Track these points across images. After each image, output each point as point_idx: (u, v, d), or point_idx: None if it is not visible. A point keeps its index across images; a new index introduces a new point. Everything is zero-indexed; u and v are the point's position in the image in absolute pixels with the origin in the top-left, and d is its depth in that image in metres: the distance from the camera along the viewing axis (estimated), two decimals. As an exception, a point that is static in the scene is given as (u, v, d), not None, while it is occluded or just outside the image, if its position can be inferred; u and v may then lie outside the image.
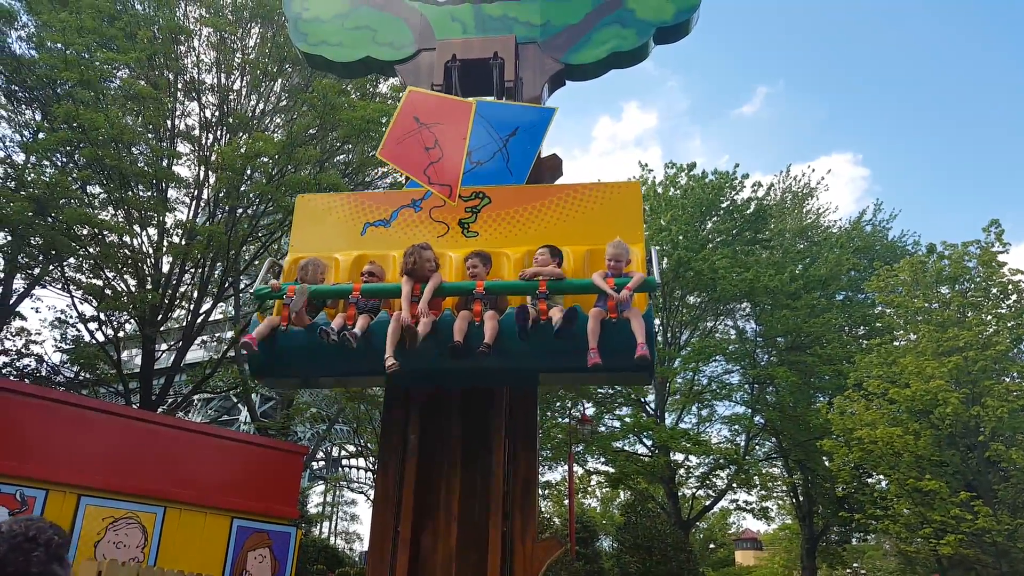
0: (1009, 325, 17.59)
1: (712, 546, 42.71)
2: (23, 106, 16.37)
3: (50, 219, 14.57)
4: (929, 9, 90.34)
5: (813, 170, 46.60)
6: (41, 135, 15.52)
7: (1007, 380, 17.50)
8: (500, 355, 4.35)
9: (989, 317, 18.13)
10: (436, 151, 5.76)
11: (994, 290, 18.27)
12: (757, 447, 27.43)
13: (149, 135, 16.48)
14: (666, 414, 25.27)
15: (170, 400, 17.34)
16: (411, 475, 4.86)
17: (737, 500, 28.29)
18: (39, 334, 19.20)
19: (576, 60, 6.46)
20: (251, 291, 4.94)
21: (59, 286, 16.50)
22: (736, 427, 26.28)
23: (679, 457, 23.84)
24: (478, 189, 5.43)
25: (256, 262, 18.75)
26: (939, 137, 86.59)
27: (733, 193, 25.21)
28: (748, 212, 25.20)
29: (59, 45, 14.99)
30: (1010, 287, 18.04)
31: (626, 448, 24.07)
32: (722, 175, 24.98)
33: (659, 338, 24.80)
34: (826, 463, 23.06)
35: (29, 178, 14.87)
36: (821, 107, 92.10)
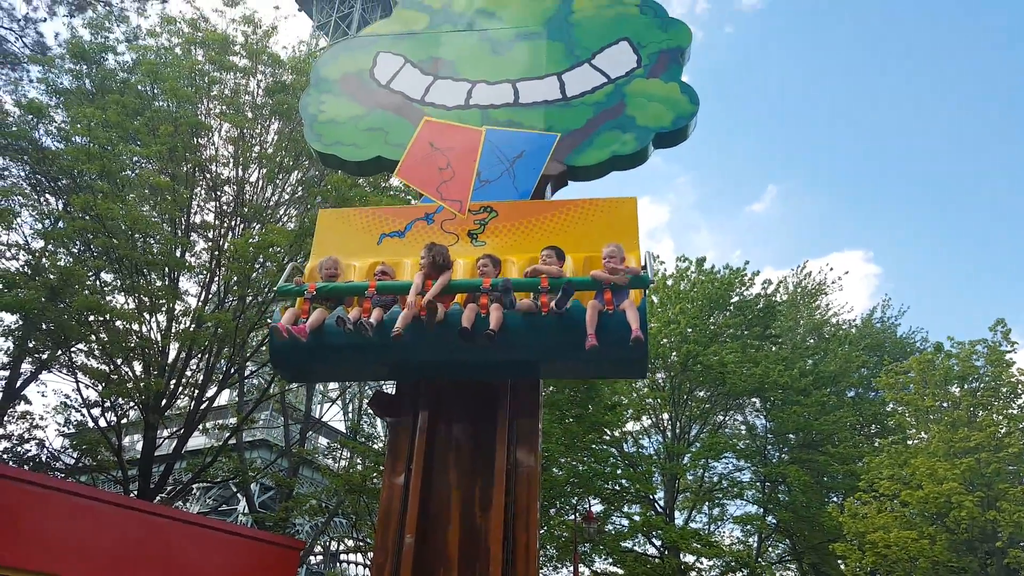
0: (1021, 426, 17.35)
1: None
2: (46, 195, 16.95)
3: (62, 305, 14.82)
4: (946, 103, 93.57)
5: (831, 268, 47.10)
6: (61, 224, 16.00)
7: (1023, 482, 17.07)
8: (504, 344, 4.72)
9: (1000, 417, 17.92)
10: (448, 171, 6.38)
11: (1003, 389, 18.14)
12: (770, 548, 26.48)
13: (164, 226, 16.94)
14: (676, 512, 24.57)
15: (169, 488, 17.06)
16: (417, 474, 5.12)
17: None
18: (42, 419, 19.15)
19: (578, 162, 6.73)
20: (275, 288, 5.77)
21: (65, 371, 16.57)
22: (748, 527, 25.45)
23: (690, 559, 22.99)
24: (486, 204, 6.00)
25: (263, 348, 18.85)
26: (951, 236, 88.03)
27: (743, 289, 25.40)
28: (758, 308, 25.31)
29: (84, 139, 15.67)
30: (1019, 387, 17.92)
31: (634, 548, 23.26)
32: (733, 271, 25.24)
33: (668, 433, 24.47)
34: (841, 567, 22.19)
35: (45, 264, 15.22)
36: (832, 205, 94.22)
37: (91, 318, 15.28)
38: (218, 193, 17.72)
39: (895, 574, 18.04)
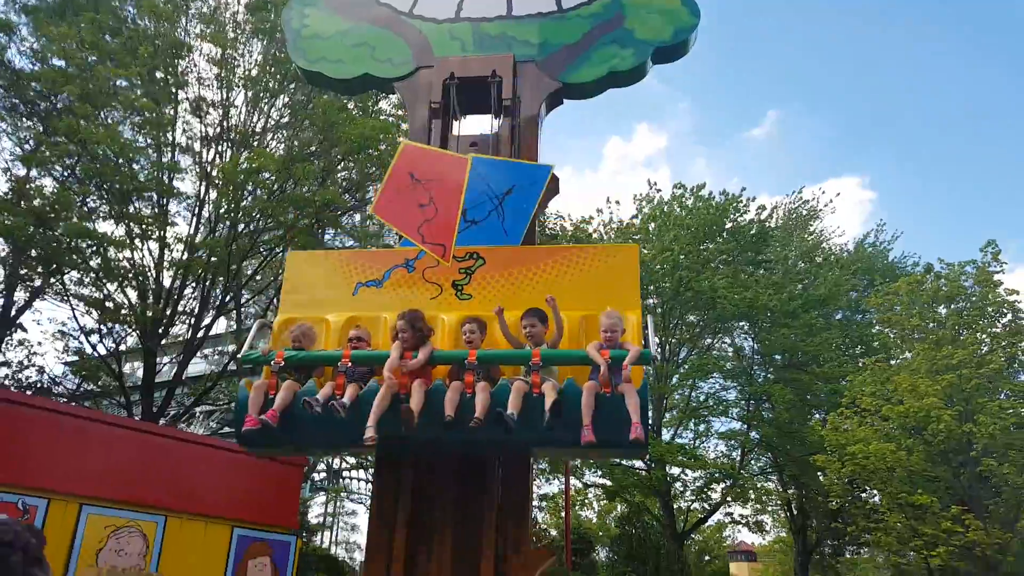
0: (1003, 344, 17.77)
1: (707, 558, 42.61)
2: (23, 119, 16.55)
3: (51, 232, 14.72)
4: (947, 32, 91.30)
5: (823, 192, 46.98)
6: (42, 148, 15.70)
7: (1000, 398, 17.65)
8: (492, 429, 4.27)
9: (984, 336, 18.32)
10: (431, 208, 5.69)
11: (989, 309, 18.46)
12: (752, 462, 27.52)
13: (150, 150, 16.66)
14: (663, 429, 25.33)
15: (171, 412, 17.41)
16: (401, 539, 4.79)
17: (732, 513, 28.35)
18: (40, 345, 19.29)
19: (574, 79, 6.57)
20: (239, 355, 4.86)
21: (60, 298, 16.62)
22: (732, 442, 26.39)
23: (675, 471, 23.88)
24: (472, 249, 5.37)
25: (258, 277, 18.89)
26: (947, 161, 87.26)
27: (737, 215, 25.41)
28: (751, 234, 25.38)
29: (59, 60, 15.18)
30: (1005, 307, 18.22)
31: (622, 462, 24.10)
32: (729, 198, 25.19)
33: (657, 355, 24.90)
34: (820, 478, 23.15)
35: (31, 192, 15.02)
36: (830, 131, 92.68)
37: (83, 245, 15.21)
38: (203, 115, 17.35)
39: (872, 483, 18.87)
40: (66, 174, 16.05)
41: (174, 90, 16.52)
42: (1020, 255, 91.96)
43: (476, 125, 7.31)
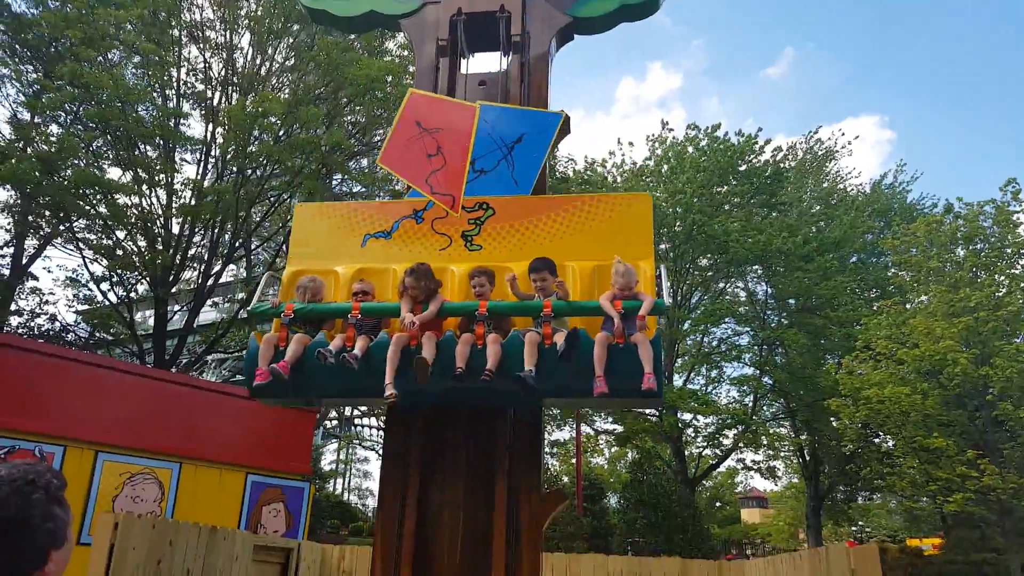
0: (1022, 286, 17.45)
1: (718, 504, 43.29)
2: (26, 64, 16.27)
3: (58, 179, 14.60)
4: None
5: (843, 133, 45.81)
6: (47, 94, 15.45)
7: (1017, 341, 17.44)
8: (503, 380, 4.21)
9: (1002, 278, 17.98)
10: (438, 158, 5.57)
11: (1008, 250, 18.08)
12: (765, 408, 27.57)
13: (155, 94, 16.37)
14: (675, 375, 25.37)
15: (183, 360, 17.56)
16: (411, 520, 4.74)
17: (744, 459, 28.57)
18: (52, 294, 19.36)
19: (584, 13, 6.30)
20: (248, 308, 4.73)
21: (70, 246, 16.60)
22: (744, 388, 26.38)
23: (687, 417, 24.00)
24: (482, 200, 5.25)
25: (267, 223, 18.77)
26: (969, 100, 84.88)
27: (752, 157, 24.84)
28: (766, 176, 24.86)
29: (59, 2, 14.81)
30: None
31: (633, 408, 24.25)
32: (744, 139, 24.58)
33: (669, 300, 24.66)
34: (833, 423, 23.18)
35: (35, 137, 14.84)
36: (848, 69, 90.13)
37: (89, 192, 15.10)
38: (207, 59, 16.99)
39: (886, 427, 18.84)
40: (71, 119, 15.83)
41: (177, 32, 16.11)
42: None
43: (485, 63, 7.04)
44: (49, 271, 47.85)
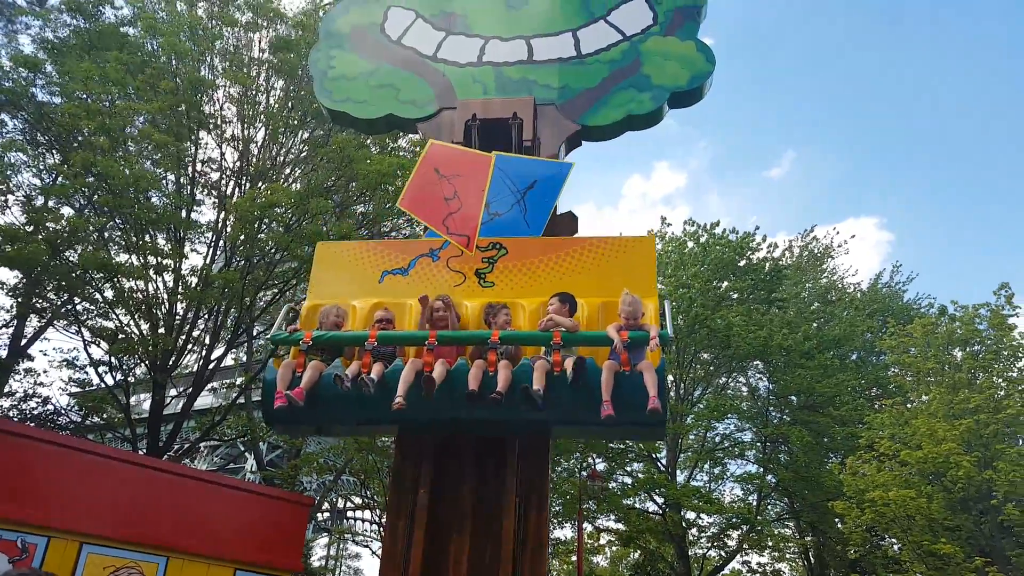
0: (1020, 389, 17.50)
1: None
2: (44, 151, 16.78)
3: (65, 261, 14.79)
4: (966, 73, 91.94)
5: (838, 232, 46.89)
6: (61, 179, 15.87)
7: (1019, 444, 17.30)
8: (513, 405, 4.39)
9: (1000, 380, 18.06)
10: (455, 202, 5.91)
11: (1004, 353, 18.25)
12: (769, 507, 26.94)
13: (168, 184, 16.81)
14: (677, 471, 24.91)
15: (176, 447, 17.26)
16: (420, 531, 4.79)
17: (749, 562, 27.62)
18: (46, 373, 19.23)
19: (592, 122, 6.66)
20: (267, 336, 5.02)
21: (71, 328, 16.63)
22: (748, 486, 25.87)
23: (691, 516, 23.40)
24: (495, 240, 5.58)
25: (271, 309, 18.88)
26: (965, 204, 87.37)
27: (750, 253, 25.39)
28: (764, 272, 25.32)
29: (82, 94, 15.43)
30: (1020, 351, 18.03)
31: (636, 505, 23.66)
32: (742, 236, 25.18)
33: (672, 394, 24.58)
34: (839, 525, 22.61)
35: (47, 218, 15.13)
36: (849, 172, 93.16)
37: (96, 275, 15.27)
38: (222, 151, 17.58)
39: (892, 531, 18.40)
40: (84, 204, 16.20)
41: (194, 126, 16.73)
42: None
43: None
44: (45, 353, 47.53)
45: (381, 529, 23.45)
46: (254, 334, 19.15)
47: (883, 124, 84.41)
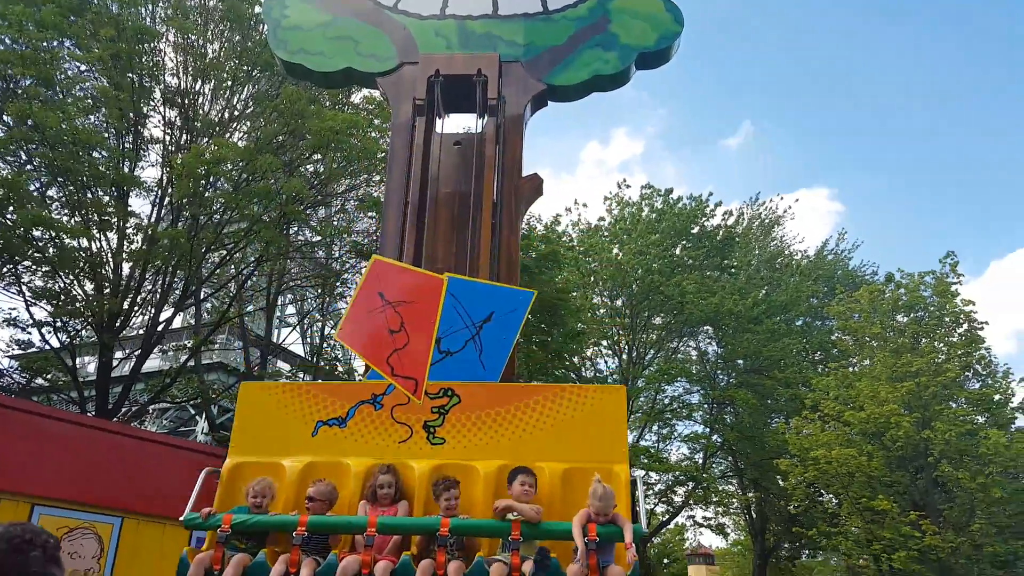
0: (959, 353, 18.28)
1: (666, 561, 43.01)
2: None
3: (4, 220, 14.12)
4: (922, 45, 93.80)
5: (782, 198, 47.72)
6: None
7: (955, 405, 18.16)
8: None
9: (941, 345, 18.85)
10: (402, 335, 5.17)
11: (947, 319, 19.00)
12: (715, 466, 27.90)
13: (109, 138, 16.09)
14: (628, 431, 25.48)
15: (124, 409, 16.86)
16: None
17: (694, 516, 28.71)
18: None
19: (559, 81, 6.57)
20: (180, 519, 4.28)
21: (12, 289, 15.96)
22: (695, 445, 26.71)
23: (640, 473, 24.04)
24: (446, 385, 4.88)
25: (218, 271, 18.41)
26: (914, 174, 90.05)
27: (704, 220, 25.78)
28: (717, 239, 25.76)
29: (15, 41, 14.56)
30: (962, 317, 18.76)
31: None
32: (696, 202, 25.55)
33: (624, 357, 25.05)
34: (780, 482, 23.56)
35: None
36: (804, 144, 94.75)
37: (37, 234, 14.64)
38: (166, 105, 16.86)
39: (832, 487, 19.25)
40: (24, 161, 15.43)
41: (136, 76, 15.98)
42: (977, 267, 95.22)
43: (460, 123, 7.21)
44: (-17, 313, 45.54)
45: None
46: (202, 296, 18.69)
47: (840, 98, 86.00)
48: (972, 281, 69.66)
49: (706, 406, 26.86)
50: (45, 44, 14.63)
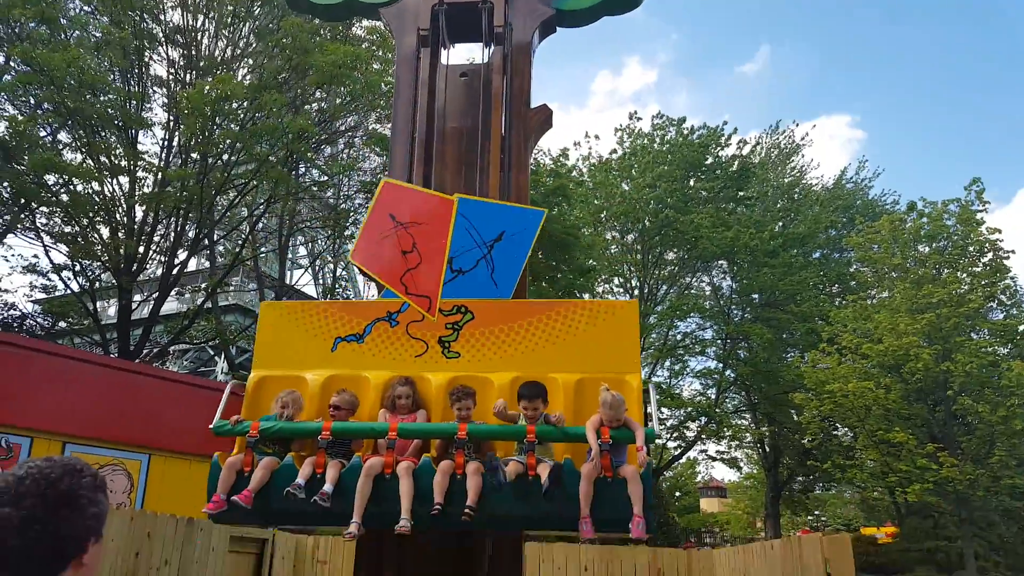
0: (983, 283, 17.93)
1: (678, 494, 43.85)
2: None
3: (17, 166, 14.14)
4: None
5: (798, 124, 46.49)
6: (6, 77, 14.94)
7: (977, 337, 17.95)
8: (484, 514, 4.00)
9: (964, 275, 18.45)
10: (414, 255, 5.26)
11: (971, 248, 18.52)
12: (728, 401, 28.03)
13: (115, 79, 15.93)
14: (640, 369, 25.63)
15: (145, 352, 17.18)
16: None
17: (707, 450, 29.03)
18: (10, 279, 18.74)
19: (568, 5, 6.28)
20: (210, 427, 4.36)
21: (31, 234, 16.11)
22: (708, 381, 26.81)
23: (651, 409, 24.27)
24: (460, 303, 4.96)
25: (230, 213, 18.43)
26: (939, 101, 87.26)
27: (718, 150, 25.18)
28: (732, 170, 25.22)
29: None
30: (987, 246, 18.27)
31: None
32: (710, 132, 24.90)
33: (636, 293, 24.99)
34: (794, 416, 23.66)
35: None
36: (824, 69, 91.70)
37: (49, 179, 14.67)
38: (169, 44, 16.58)
39: (848, 421, 19.29)
40: (33, 105, 15.35)
41: (138, 14, 15.68)
42: (1004, 194, 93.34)
43: (466, 53, 6.99)
44: (6, 259, 45.82)
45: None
46: (215, 238, 18.77)
47: (861, 23, 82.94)
48: (999, 209, 68.12)
49: (719, 341, 26.84)
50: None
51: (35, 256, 17.07)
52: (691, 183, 24.99)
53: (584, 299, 13.72)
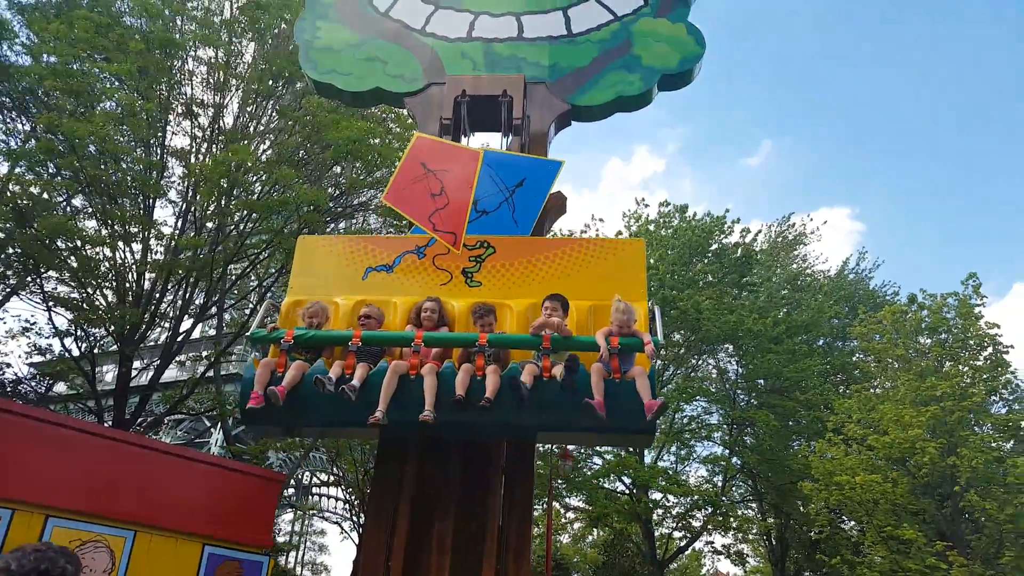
0: (984, 377, 17.87)
1: (684, 587, 42.30)
2: (12, 114, 16.17)
3: (31, 230, 14.32)
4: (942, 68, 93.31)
5: (811, 219, 47.35)
6: (27, 145, 15.32)
7: (981, 431, 17.71)
8: (500, 410, 4.33)
9: (965, 368, 18.42)
10: (442, 198, 5.79)
11: (971, 342, 18.59)
12: (734, 489, 27.40)
13: (137, 149, 16.32)
14: (645, 452, 25.19)
15: (140, 420, 16.93)
16: (400, 539, 4.73)
17: (713, 542, 28.13)
18: (5, 343, 18.67)
19: (583, 102, 6.57)
20: (247, 334, 4.87)
21: (36, 298, 16.16)
22: (714, 468, 26.24)
23: (657, 496, 23.72)
24: (483, 238, 5.46)
25: (239, 282, 18.53)
26: (936, 195, 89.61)
27: (722, 237, 25.54)
28: (735, 256, 25.52)
29: (50, 57, 14.86)
30: (986, 340, 18.37)
31: (605, 486, 23.88)
32: (714, 219, 25.36)
33: (663, 339, 24.62)
34: (801, 508, 23.06)
35: (12, 188, 14.58)
36: (824, 163, 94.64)
37: (61, 244, 14.81)
38: (193, 117, 17.06)
39: (856, 514, 18.79)
40: (53, 172, 15.67)
41: (163, 88, 16.20)
42: (1000, 289, 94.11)
43: (485, 141, 7.22)
44: (3, 321, 45.70)
45: (351, 508, 23.37)
46: (223, 307, 18.79)
47: (861, 118, 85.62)
48: (995, 303, 68.59)
49: (725, 427, 26.42)
50: (77, 60, 14.90)
51: (32, 316, 17.06)
52: (695, 266, 25.23)
53: (595, 238, 14.17)
